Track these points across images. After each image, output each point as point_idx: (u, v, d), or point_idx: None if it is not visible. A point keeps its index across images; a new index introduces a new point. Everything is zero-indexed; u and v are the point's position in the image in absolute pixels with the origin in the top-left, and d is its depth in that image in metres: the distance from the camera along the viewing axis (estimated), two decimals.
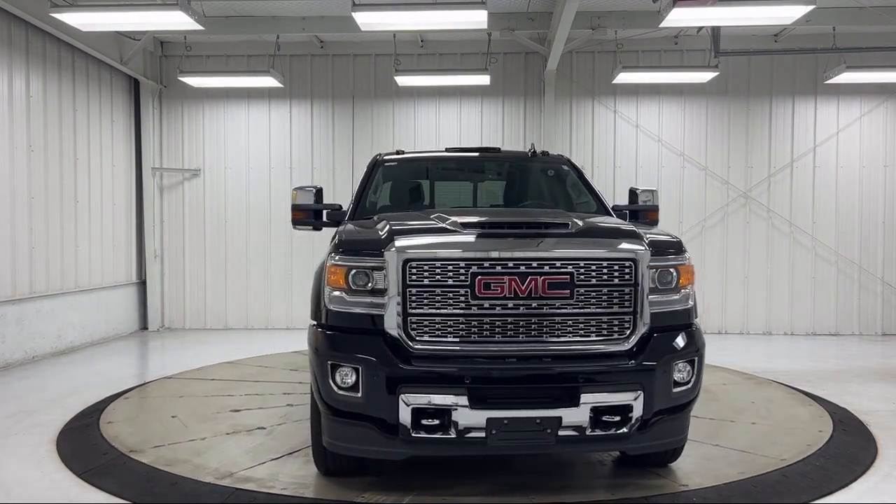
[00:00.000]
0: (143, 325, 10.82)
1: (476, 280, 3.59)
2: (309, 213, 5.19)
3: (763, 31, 10.17)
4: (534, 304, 3.62)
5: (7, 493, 4.14)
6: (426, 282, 3.61)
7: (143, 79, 10.44)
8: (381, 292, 3.66)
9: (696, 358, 3.88)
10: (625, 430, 3.65)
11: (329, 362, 3.69)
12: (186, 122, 10.89)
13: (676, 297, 3.91)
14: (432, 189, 5.88)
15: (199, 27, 7.55)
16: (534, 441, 3.65)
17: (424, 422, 3.55)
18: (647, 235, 3.95)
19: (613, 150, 10.63)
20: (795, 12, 7.14)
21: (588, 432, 3.62)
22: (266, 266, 10.85)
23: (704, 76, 9.77)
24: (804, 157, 10.53)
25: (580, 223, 3.98)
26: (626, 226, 4.20)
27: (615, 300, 3.71)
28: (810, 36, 10.00)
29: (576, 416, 3.57)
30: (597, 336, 3.71)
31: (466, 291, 3.60)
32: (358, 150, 10.70)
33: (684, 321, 3.96)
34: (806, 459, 4.65)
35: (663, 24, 7.47)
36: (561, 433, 3.59)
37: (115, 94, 10.14)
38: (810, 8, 6.96)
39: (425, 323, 3.63)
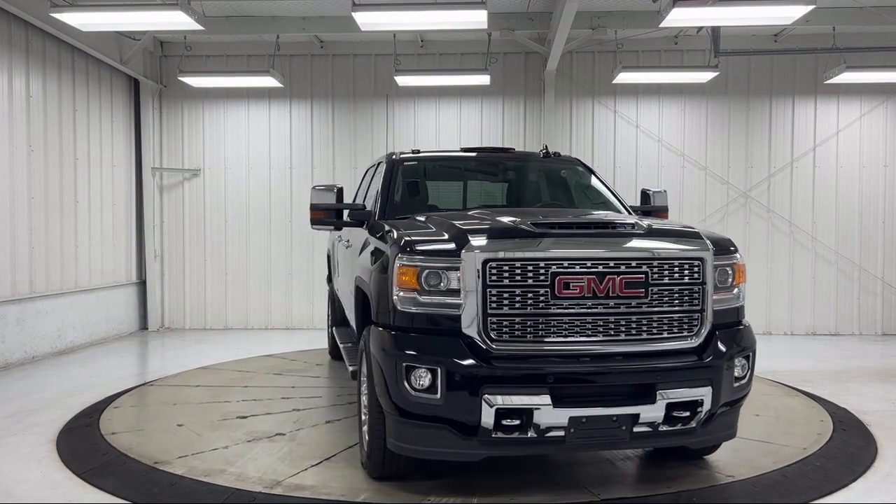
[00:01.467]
0: (143, 325, 10.82)
1: (556, 280, 3.61)
2: (329, 213, 5.07)
3: (763, 31, 10.17)
4: (611, 304, 3.68)
5: (7, 493, 4.14)
6: (506, 282, 3.60)
7: (143, 79, 10.44)
8: (456, 292, 3.63)
9: (750, 353, 4.03)
10: (692, 424, 3.76)
11: (404, 364, 3.62)
12: (186, 122, 10.89)
13: (732, 294, 4.04)
14: (451, 188, 5.86)
15: (199, 27, 7.55)
16: (609, 438, 3.72)
17: (504, 422, 3.54)
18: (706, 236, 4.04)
19: (613, 150, 10.63)
20: (795, 12, 7.14)
21: (660, 428, 3.70)
22: (266, 266, 10.85)
23: (704, 76, 9.76)
24: (804, 157, 10.53)
25: (645, 224, 4.01)
26: (687, 226, 4.24)
27: (685, 298, 3.80)
28: (810, 36, 9.99)
29: (652, 412, 3.64)
30: (668, 334, 3.78)
31: (546, 291, 3.61)
32: (358, 150, 10.71)
33: (738, 318, 4.10)
34: (806, 459, 4.66)
35: (663, 24, 7.47)
36: (636, 429, 3.67)
37: (115, 94, 10.14)
38: (810, 8, 6.96)
39: (504, 323, 3.61)
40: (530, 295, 3.61)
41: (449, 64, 10.61)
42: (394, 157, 5.64)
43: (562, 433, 3.58)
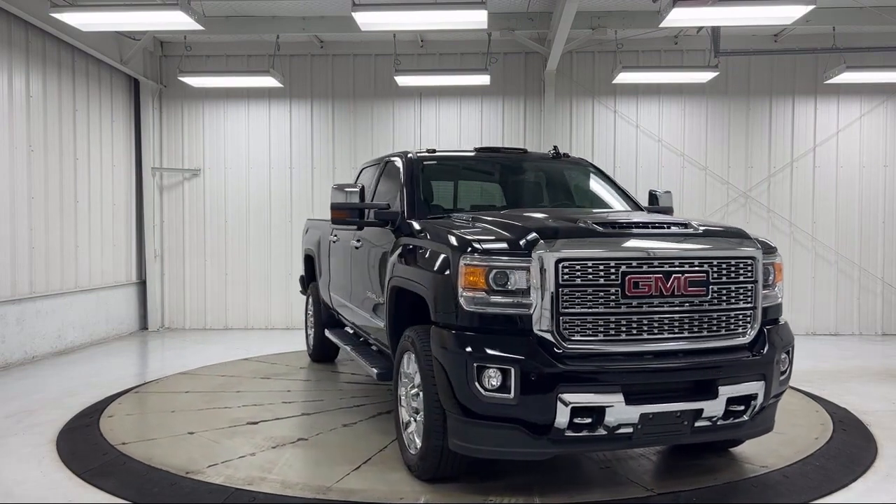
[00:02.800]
0: (143, 325, 10.82)
1: (626, 279, 3.68)
2: (353, 213, 5.01)
3: (763, 31, 10.17)
4: (676, 302, 3.77)
5: (7, 493, 4.14)
6: (578, 281, 3.65)
7: (143, 79, 10.44)
8: (525, 292, 3.65)
9: (790, 349, 4.21)
10: (745, 417, 3.90)
11: (475, 364, 3.61)
12: (186, 122, 10.89)
13: (773, 292, 4.21)
14: (470, 188, 5.84)
15: (199, 27, 7.55)
16: (672, 433, 3.84)
17: (577, 420, 3.58)
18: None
19: (613, 150, 10.63)
20: (795, 12, 7.13)
21: (718, 422, 3.83)
22: (266, 266, 10.85)
23: (704, 76, 9.76)
24: (804, 157, 10.53)
25: (696, 224, 4.13)
26: (734, 227, 4.35)
27: (740, 296, 3.93)
28: (810, 36, 9.99)
29: (714, 407, 3.76)
30: (725, 330, 3.90)
31: (617, 290, 3.67)
32: (358, 150, 10.70)
33: (778, 315, 4.29)
34: (806, 459, 4.67)
35: (663, 24, 7.47)
36: (697, 424, 3.77)
37: (115, 94, 10.13)
38: (810, 8, 6.96)
39: (577, 322, 3.65)
40: (601, 294, 3.66)
41: (449, 64, 10.60)
42: (411, 156, 5.55)
43: (630, 430, 3.64)
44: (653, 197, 5.79)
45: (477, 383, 3.60)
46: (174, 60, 10.64)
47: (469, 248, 3.77)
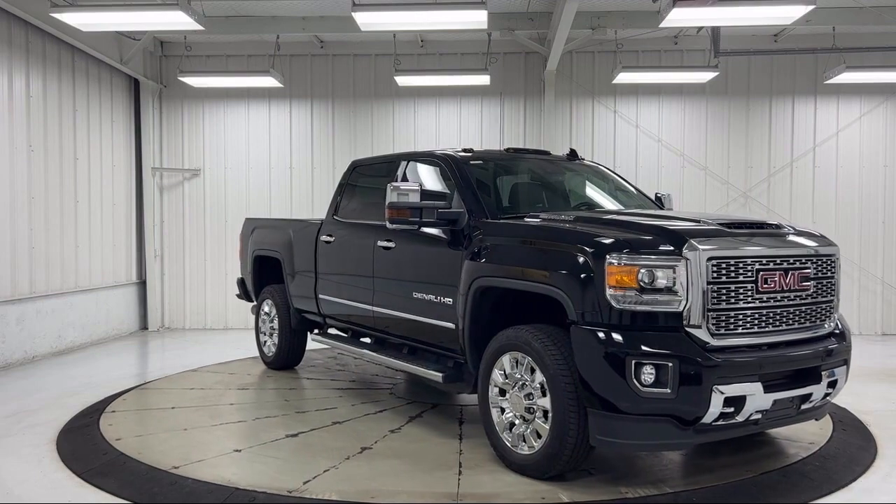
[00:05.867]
0: (144, 325, 10.82)
1: (759, 276, 4.02)
2: (414, 212, 4.92)
3: (763, 31, 10.17)
4: (791, 296, 4.14)
5: (7, 493, 4.15)
6: (723, 279, 3.93)
7: (143, 79, 10.44)
8: (674, 289, 3.84)
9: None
10: (829, 399, 4.35)
11: (633, 361, 3.75)
12: (186, 122, 10.89)
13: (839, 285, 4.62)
14: (511, 189, 5.83)
15: (199, 27, 7.56)
16: (784, 417, 4.16)
17: (723, 410, 3.79)
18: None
19: (613, 150, 10.63)
20: (795, 12, 7.14)
21: (816, 404, 4.22)
22: None
23: (704, 76, 9.77)
24: (804, 156, 10.53)
25: (787, 225, 4.53)
26: (807, 229, 4.71)
27: (828, 289, 4.36)
28: (810, 36, 9.99)
29: (819, 390, 4.17)
30: (819, 321, 4.30)
31: (752, 286, 3.99)
32: (358, 151, 10.69)
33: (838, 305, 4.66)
34: (806, 459, 4.67)
35: (663, 24, 7.48)
36: (802, 407, 4.14)
37: (115, 94, 10.14)
38: (810, 8, 6.96)
39: (722, 317, 3.91)
40: (741, 290, 3.97)
41: (449, 64, 10.60)
42: (454, 154, 5.51)
43: (760, 416, 3.93)
44: (658, 199, 6.04)
45: (635, 379, 3.75)
46: (174, 60, 10.64)
47: (619, 248, 3.92)
